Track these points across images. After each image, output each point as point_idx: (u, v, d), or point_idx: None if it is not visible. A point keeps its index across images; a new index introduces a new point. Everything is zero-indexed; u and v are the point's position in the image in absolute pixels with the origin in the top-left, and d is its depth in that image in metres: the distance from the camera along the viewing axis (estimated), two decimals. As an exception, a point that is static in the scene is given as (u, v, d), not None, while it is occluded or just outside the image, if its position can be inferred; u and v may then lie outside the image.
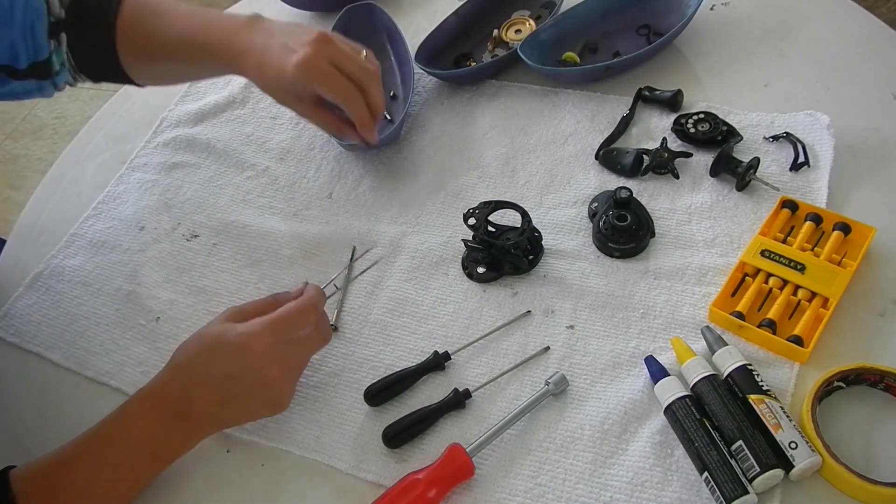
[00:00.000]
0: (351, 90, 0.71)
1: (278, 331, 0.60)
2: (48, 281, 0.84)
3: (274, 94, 0.74)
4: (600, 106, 0.88)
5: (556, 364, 0.68)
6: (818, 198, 0.75)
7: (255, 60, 0.72)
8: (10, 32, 0.73)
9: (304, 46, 0.69)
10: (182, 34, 0.75)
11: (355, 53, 0.72)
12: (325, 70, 0.69)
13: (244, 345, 0.59)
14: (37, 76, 0.76)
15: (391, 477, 0.63)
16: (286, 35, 0.71)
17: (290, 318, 0.61)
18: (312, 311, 0.62)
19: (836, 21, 0.91)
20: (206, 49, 0.74)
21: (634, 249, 0.74)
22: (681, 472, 0.60)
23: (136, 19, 0.77)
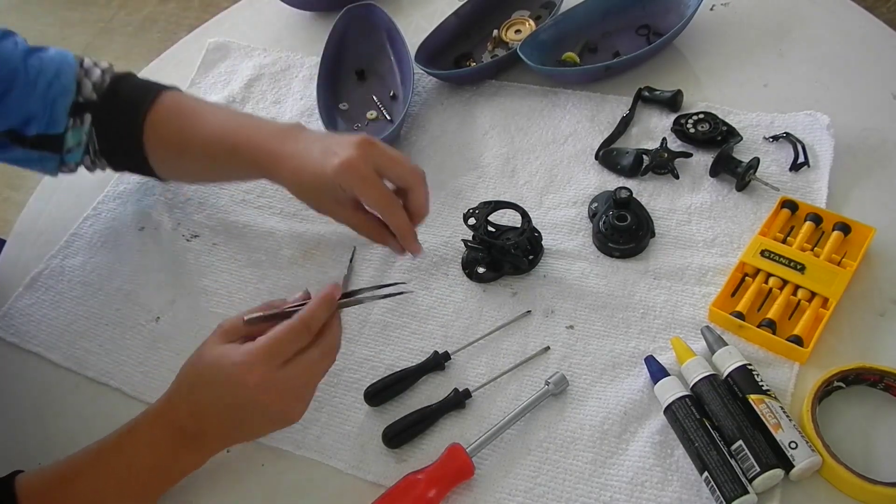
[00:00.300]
0: (391, 199, 0.65)
1: (271, 357, 0.57)
2: (48, 281, 0.84)
3: (311, 198, 0.70)
4: (600, 106, 0.88)
5: (556, 364, 0.68)
6: (818, 198, 0.75)
7: (293, 165, 0.68)
8: (27, 101, 0.74)
9: (347, 149, 0.64)
10: (217, 132, 0.74)
11: (401, 156, 0.67)
12: (366, 174, 0.64)
13: (238, 378, 0.57)
14: (43, 148, 0.76)
15: (391, 477, 0.63)
16: (328, 140, 0.68)
17: (281, 342, 0.57)
18: (304, 331, 0.58)
19: (836, 21, 0.91)
20: (240, 150, 0.72)
21: (634, 249, 0.74)
22: (681, 472, 0.60)
23: (171, 113, 0.76)
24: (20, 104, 0.74)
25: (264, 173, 0.72)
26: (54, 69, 0.76)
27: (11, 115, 0.74)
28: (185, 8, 2.78)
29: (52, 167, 0.79)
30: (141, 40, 2.68)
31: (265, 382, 0.56)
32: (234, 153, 0.72)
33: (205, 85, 1.04)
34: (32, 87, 0.74)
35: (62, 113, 0.75)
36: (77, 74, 0.77)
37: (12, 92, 0.73)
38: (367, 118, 0.93)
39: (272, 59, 1.05)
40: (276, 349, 0.57)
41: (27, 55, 0.75)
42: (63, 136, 0.76)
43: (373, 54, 0.99)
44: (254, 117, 0.76)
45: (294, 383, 0.58)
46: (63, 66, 0.76)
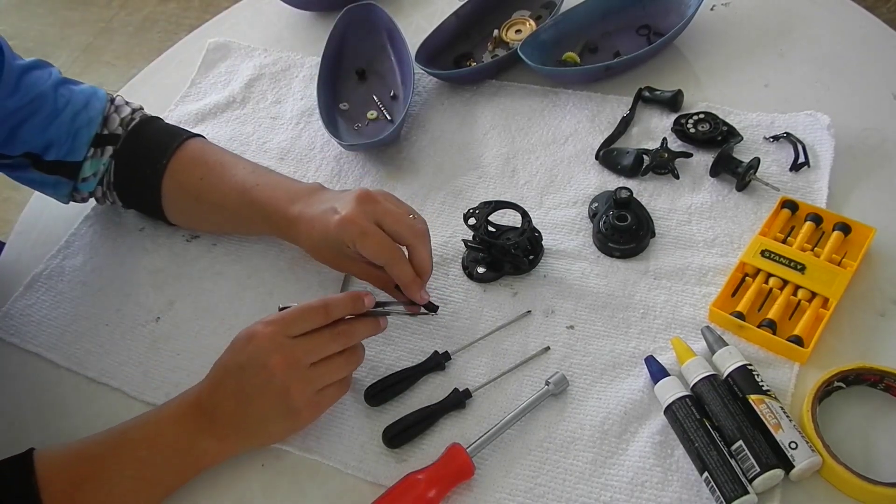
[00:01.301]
0: (392, 250, 0.66)
1: (282, 322, 0.61)
2: (48, 281, 0.84)
3: (325, 256, 0.72)
4: (600, 106, 0.88)
5: (557, 364, 0.68)
6: (818, 198, 0.75)
7: (304, 227, 0.71)
8: (49, 127, 0.76)
9: (347, 205, 0.66)
10: (237, 187, 0.76)
11: (402, 212, 0.68)
12: (366, 228, 0.65)
13: (250, 332, 0.62)
14: (58, 173, 0.79)
15: (391, 477, 0.63)
16: (334, 198, 0.70)
17: (294, 313, 0.62)
18: (322, 310, 0.62)
19: (836, 21, 0.91)
20: (260, 206, 0.74)
21: (634, 249, 0.74)
22: (681, 472, 0.60)
23: (195, 161, 0.79)
24: (43, 130, 0.76)
25: (281, 233, 0.75)
26: (84, 101, 0.79)
27: (33, 140, 0.76)
28: (186, 8, 2.78)
29: (64, 193, 0.82)
30: (141, 40, 2.68)
31: (273, 343, 0.60)
32: (251, 210, 0.75)
33: (205, 85, 1.04)
34: (57, 115, 0.76)
35: (84, 143, 0.78)
36: (106, 109, 0.80)
37: (36, 117, 0.75)
38: (368, 118, 0.93)
39: (272, 58, 1.05)
40: (288, 317, 0.62)
41: (58, 85, 0.78)
42: (81, 165, 0.79)
43: (373, 54, 0.99)
44: (274, 174, 0.78)
45: (301, 356, 0.61)
46: (93, 100, 0.79)
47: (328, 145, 0.92)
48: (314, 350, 0.62)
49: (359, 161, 0.90)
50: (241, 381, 0.61)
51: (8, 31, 2.84)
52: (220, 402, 0.62)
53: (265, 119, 0.97)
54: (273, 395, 0.61)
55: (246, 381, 0.61)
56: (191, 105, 1.01)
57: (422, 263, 0.67)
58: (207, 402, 0.63)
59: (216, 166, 0.78)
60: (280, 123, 0.96)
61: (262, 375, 0.60)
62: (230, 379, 0.62)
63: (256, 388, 0.61)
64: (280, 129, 0.95)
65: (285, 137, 0.94)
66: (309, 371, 0.61)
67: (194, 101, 1.02)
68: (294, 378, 0.61)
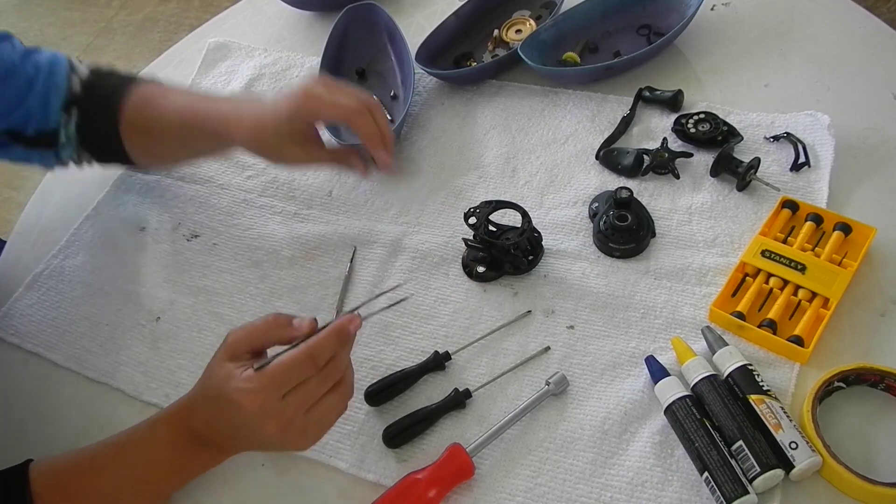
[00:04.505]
0: (354, 103, 0.69)
1: (272, 386, 0.55)
2: (48, 281, 0.84)
3: (271, 149, 0.73)
4: (601, 106, 0.88)
5: (557, 364, 0.68)
6: (819, 198, 0.75)
7: (250, 124, 0.72)
8: (26, 99, 0.76)
9: (297, 87, 0.70)
10: (181, 110, 0.77)
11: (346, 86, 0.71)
12: (322, 94, 0.68)
13: (238, 403, 0.56)
14: (41, 145, 0.79)
15: (391, 477, 0.63)
16: (279, 93, 0.72)
17: (283, 371, 0.56)
18: (309, 361, 0.56)
19: (836, 21, 0.91)
20: (201, 122, 0.76)
21: (635, 249, 0.74)
22: (681, 472, 0.60)
23: (144, 100, 0.79)
24: (19, 103, 0.76)
25: (225, 139, 0.75)
26: (49, 68, 0.78)
27: (12, 114, 0.76)
28: (186, 8, 2.78)
29: (49, 162, 0.82)
30: (141, 40, 2.69)
31: (264, 412, 0.55)
32: (196, 127, 0.76)
33: (205, 85, 1.04)
34: (31, 86, 0.76)
35: (56, 109, 0.78)
36: (68, 72, 0.79)
37: (10, 91, 0.75)
38: (368, 118, 0.93)
39: (273, 58, 1.04)
40: (277, 378, 0.55)
41: (24, 57, 0.78)
42: (57, 132, 0.78)
43: (373, 54, 0.99)
44: (216, 95, 0.80)
45: (294, 414, 0.56)
46: (56, 66, 0.79)
47: (328, 145, 0.92)
48: (305, 402, 0.57)
49: (359, 161, 0.90)
50: (239, 434, 0.58)
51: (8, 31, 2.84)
52: (217, 438, 0.60)
53: (265, 119, 0.97)
54: (272, 445, 0.59)
55: (244, 434, 0.58)
56: (191, 105, 1.01)
57: (382, 125, 0.70)
58: (204, 433, 0.60)
59: (162, 99, 0.79)
60: (280, 123, 0.96)
61: (256, 437, 0.57)
62: (227, 429, 0.59)
63: (255, 437, 0.58)
64: (280, 129, 0.95)
65: (285, 137, 0.94)
66: (304, 420, 0.57)
67: (194, 100, 1.02)
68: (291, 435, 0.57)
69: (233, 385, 0.56)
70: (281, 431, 0.56)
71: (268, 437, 0.56)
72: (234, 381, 0.56)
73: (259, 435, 0.57)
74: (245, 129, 0.73)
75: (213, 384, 0.58)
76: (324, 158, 0.75)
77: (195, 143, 0.80)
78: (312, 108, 0.69)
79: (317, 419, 0.57)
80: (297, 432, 0.57)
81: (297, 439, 0.57)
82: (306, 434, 0.58)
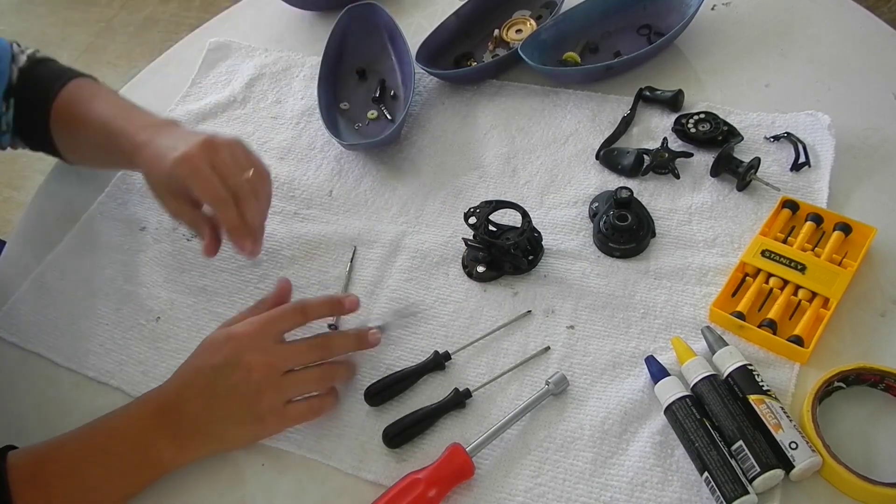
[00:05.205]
0: (222, 193, 0.68)
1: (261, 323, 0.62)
2: (48, 281, 0.84)
3: (154, 187, 0.73)
4: (601, 106, 0.88)
5: (557, 364, 0.68)
6: (819, 198, 0.75)
7: (147, 155, 0.72)
8: None
9: (188, 144, 0.68)
10: (101, 120, 0.78)
11: (239, 167, 0.69)
12: (200, 168, 0.67)
13: (229, 332, 0.62)
14: None
15: (391, 477, 0.63)
16: (184, 137, 0.71)
17: (273, 314, 0.63)
18: (299, 311, 0.63)
19: (836, 21, 0.91)
20: (115, 137, 0.76)
21: (635, 249, 0.74)
22: (681, 472, 0.60)
23: (73, 99, 0.81)
24: None
25: (131, 163, 0.75)
26: None
27: None
28: (186, 8, 2.78)
29: None
30: (142, 40, 2.69)
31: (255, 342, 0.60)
32: (110, 141, 0.77)
33: (206, 85, 1.04)
34: None
35: None
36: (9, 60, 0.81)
37: None
38: (368, 118, 0.93)
39: (273, 58, 1.05)
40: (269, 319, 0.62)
41: None
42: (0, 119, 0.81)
43: (374, 54, 0.99)
44: (137, 110, 0.80)
45: (278, 361, 0.61)
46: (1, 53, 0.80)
47: (328, 145, 0.92)
48: (291, 357, 0.62)
49: (359, 161, 0.90)
50: (213, 381, 0.61)
51: (8, 31, 2.84)
52: (186, 402, 0.62)
53: (266, 119, 0.97)
54: (243, 396, 0.61)
55: (219, 380, 0.61)
56: (191, 105, 1.01)
57: (249, 218, 0.69)
58: (173, 402, 0.62)
59: (88, 103, 0.80)
60: (280, 123, 0.96)
61: (239, 373, 0.60)
62: (200, 379, 0.62)
63: (228, 388, 0.60)
64: (280, 129, 0.95)
65: (286, 137, 0.94)
66: (282, 378, 0.61)
67: (195, 100, 1.02)
68: (268, 381, 0.60)
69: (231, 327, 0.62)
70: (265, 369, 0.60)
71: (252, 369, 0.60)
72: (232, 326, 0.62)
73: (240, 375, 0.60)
74: (144, 162, 0.73)
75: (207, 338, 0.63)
76: (186, 219, 0.74)
77: (110, 155, 0.80)
78: (183, 176, 0.68)
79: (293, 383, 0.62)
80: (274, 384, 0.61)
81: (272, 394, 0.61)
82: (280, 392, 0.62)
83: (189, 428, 0.62)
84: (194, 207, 0.72)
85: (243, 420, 0.62)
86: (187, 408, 0.61)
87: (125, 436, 0.62)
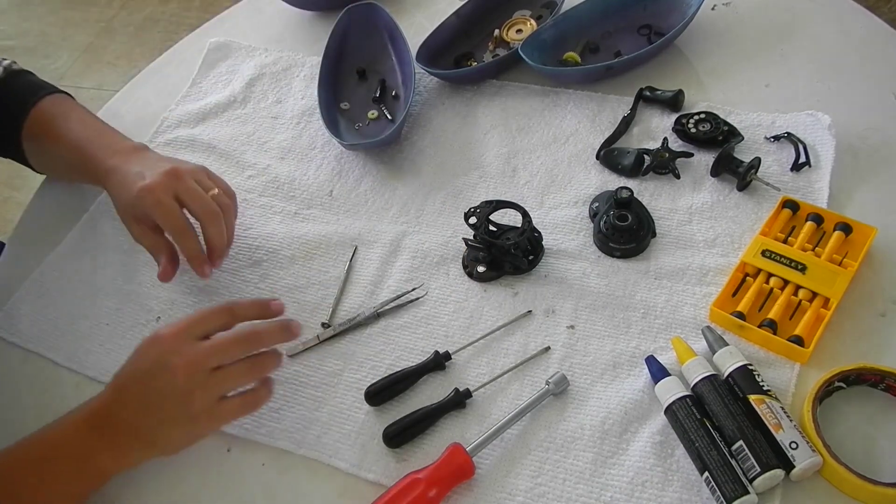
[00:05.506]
0: (183, 225, 0.73)
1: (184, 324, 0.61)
2: (48, 281, 0.84)
3: (120, 211, 0.77)
4: (601, 106, 0.88)
5: (557, 364, 0.68)
6: (819, 198, 0.75)
7: (116, 181, 0.76)
8: None
9: (154, 175, 0.73)
10: (75, 140, 0.82)
11: (200, 191, 0.74)
12: (163, 200, 0.72)
13: (155, 335, 0.61)
14: None
15: (391, 476, 0.63)
16: (150, 164, 0.76)
17: (198, 314, 0.62)
18: (226, 312, 0.63)
19: (837, 21, 0.91)
20: (86, 159, 0.80)
21: (635, 249, 0.74)
22: (681, 472, 0.60)
23: (48, 115, 0.84)
24: None
25: (100, 184, 0.80)
26: None
27: None
28: (187, 8, 2.78)
29: None
30: (142, 40, 2.69)
31: (176, 344, 0.60)
32: (81, 162, 0.81)
33: (206, 85, 1.04)
34: None
35: None
36: None
37: None
38: (368, 118, 0.93)
39: (273, 58, 1.04)
40: (193, 319, 0.62)
41: None
42: None
43: (374, 54, 0.99)
44: (109, 132, 0.84)
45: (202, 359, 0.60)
46: None
47: (329, 145, 0.92)
48: (216, 353, 0.60)
49: (359, 161, 0.90)
50: (145, 386, 0.60)
51: (9, 30, 2.84)
52: (120, 408, 0.61)
53: (266, 118, 0.97)
54: (174, 399, 0.59)
55: (149, 385, 0.60)
56: (191, 105, 1.01)
57: (211, 240, 0.73)
58: (107, 410, 0.61)
59: (63, 121, 0.84)
60: (281, 123, 0.96)
61: (165, 377, 0.59)
62: (134, 385, 0.61)
63: (159, 392, 0.59)
64: (281, 129, 0.95)
65: (286, 137, 0.94)
66: (210, 376, 0.60)
67: (195, 100, 1.02)
68: (195, 381, 0.59)
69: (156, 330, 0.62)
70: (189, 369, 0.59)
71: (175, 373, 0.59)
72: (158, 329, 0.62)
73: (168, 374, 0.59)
74: (112, 187, 0.77)
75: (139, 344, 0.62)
76: (147, 244, 0.76)
77: (80, 174, 0.84)
78: (147, 206, 0.72)
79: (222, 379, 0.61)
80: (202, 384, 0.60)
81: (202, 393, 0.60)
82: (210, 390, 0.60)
83: (125, 434, 0.61)
84: (157, 233, 0.76)
85: (177, 422, 0.60)
86: (122, 414, 0.61)
87: (61, 448, 0.61)
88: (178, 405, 0.60)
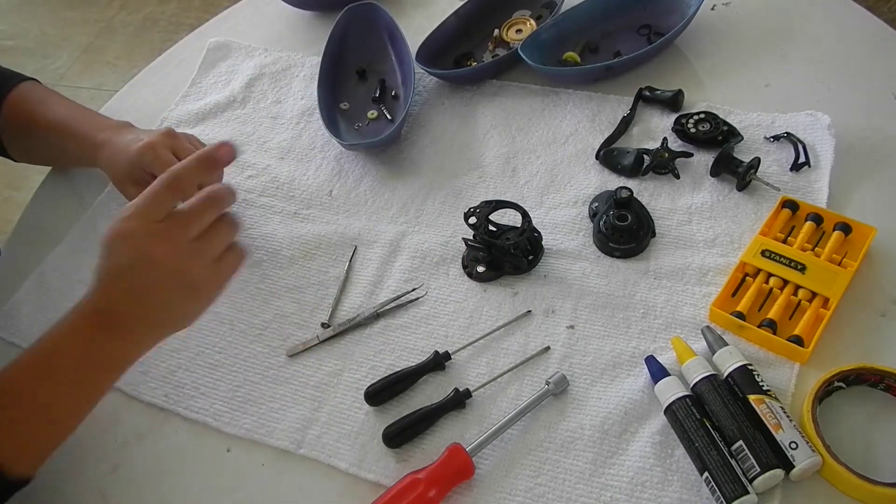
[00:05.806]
0: None
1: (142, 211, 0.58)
2: (48, 281, 0.84)
3: (117, 179, 0.81)
4: (601, 106, 0.88)
5: (557, 364, 0.68)
6: (819, 198, 0.75)
7: (109, 152, 0.80)
8: None
9: (151, 135, 0.78)
10: (60, 121, 0.85)
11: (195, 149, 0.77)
12: (161, 154, 0.76)
13: (118, 232, 0.58)
14: None
15: (391, 476, 0.63)
16: (145, 132, 0.81)
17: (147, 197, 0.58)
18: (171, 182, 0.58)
19: (836, 21, 0.91)
20: (73, 136, 0.84)
21: (635, 249, 0.74)
22: (681, 472, 0.60)
23: (26, 99, 0.87)
24: None
25: (90, 160, 0.83)
26: None
27: None
28: (186, 8, 2.78)
29: None
30: (142, 40, 2.68)
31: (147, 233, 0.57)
32: (68, 139, 0.84)
33: (205, 84, 1.04)
34: None
35: None
36: None
37: None
38: (368, 118, 0.93)
39: (273, 58, 1.04)
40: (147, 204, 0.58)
41: None
42: None
43: (374, 54, 0.99)
44: (92, 113, 0.88)
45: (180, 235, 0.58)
46: None
47: (328, 145, 0.92)
48: (189, 223, 0.58)
49: (359, 160, 0.90)
50: (133, 280, 0.58)
51: (8, 30, 2.84)
52: (117, 303, 0.59)
53: (265, 118, 0.97)
54: (170, 282, 0.58)
55: (137, 278, 0.58)
56: (191, 104, 1.01)
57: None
58: (104, 307, 0.59)
59: (43, 104, 0.87)
60: (280, 123, 0.96)
61: (152, 268, 0.57)
62: (120, 280, 0.58)
63: (151, 281, 0.58)
64: (280, 129, 0.95)
65: (286, 137, 0.94)
66: (195, 245, 0.58)
67: (195, 100, 1.02)
68: (184, 257, 0.58)
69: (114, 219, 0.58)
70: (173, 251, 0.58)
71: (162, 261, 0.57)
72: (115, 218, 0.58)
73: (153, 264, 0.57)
74: (106, 159, 0.81)
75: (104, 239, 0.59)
76: None
77: (65, 154, 0.88)
78: (148, 161, 0.76)
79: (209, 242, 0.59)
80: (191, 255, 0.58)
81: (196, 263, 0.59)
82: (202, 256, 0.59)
83: (130, 323, 0.60)
84: None
85: (181, 299, 0.59)
86: (121, 308, 0.59)
87: (67, 348, 0.59)
88: (176, 285, 0.58)
